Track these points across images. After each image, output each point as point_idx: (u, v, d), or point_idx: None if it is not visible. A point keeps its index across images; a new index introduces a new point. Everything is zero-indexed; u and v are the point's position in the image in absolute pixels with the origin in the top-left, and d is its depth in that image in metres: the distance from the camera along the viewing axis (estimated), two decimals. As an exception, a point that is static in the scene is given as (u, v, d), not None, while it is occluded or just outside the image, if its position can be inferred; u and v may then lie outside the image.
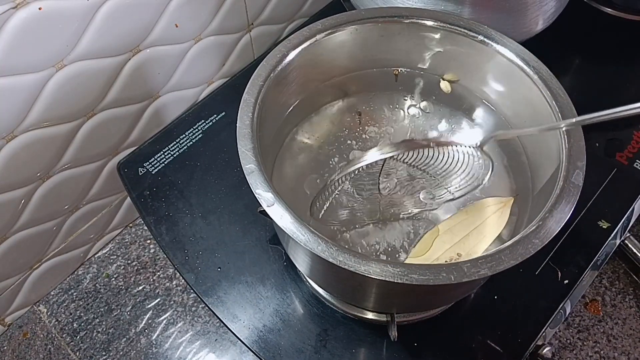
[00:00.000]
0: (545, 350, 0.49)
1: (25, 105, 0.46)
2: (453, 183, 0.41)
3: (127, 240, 0.67)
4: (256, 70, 0.40)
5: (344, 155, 0.46)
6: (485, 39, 0.42)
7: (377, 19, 0.44)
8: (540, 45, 0.45)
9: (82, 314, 0.62)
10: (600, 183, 0.53)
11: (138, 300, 0.63)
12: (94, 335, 0.61)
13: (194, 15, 0.55)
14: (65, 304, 0.63)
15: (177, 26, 0.54)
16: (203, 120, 0.59)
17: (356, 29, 0.44)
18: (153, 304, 0.62)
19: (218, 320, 0.48)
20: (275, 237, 0.51)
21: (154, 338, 0.61)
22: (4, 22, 0.40)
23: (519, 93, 0.42)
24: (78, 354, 0.60)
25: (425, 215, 0.43)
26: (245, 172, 0.34)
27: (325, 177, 0.45)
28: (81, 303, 0.63)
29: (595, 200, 0.52)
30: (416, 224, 0.43)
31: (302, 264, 0.41)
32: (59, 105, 0.48)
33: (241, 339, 0.46)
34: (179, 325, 0.61)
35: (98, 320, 0.61)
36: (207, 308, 0.49)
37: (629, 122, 0.59)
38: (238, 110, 0.37)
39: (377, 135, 0.47)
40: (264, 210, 0.33)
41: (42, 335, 0.61)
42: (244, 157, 0.35)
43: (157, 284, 0.64)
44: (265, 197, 0.33)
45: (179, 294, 0.63)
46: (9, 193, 0.50)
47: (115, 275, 0.64)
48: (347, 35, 0.44)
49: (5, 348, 0.60)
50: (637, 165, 0.55)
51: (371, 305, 0.43)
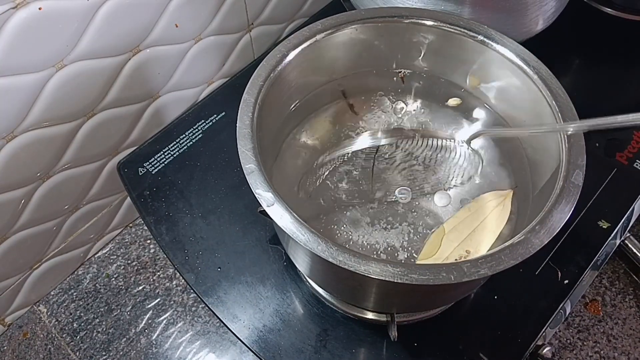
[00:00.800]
0: (545, 350, 0.49)
1: (25, 105, 0.46)
2: (444, 173, 0.43)
3: (127, 240, 0.67)
4: (256, 70, 0.40)
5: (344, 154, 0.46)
6: (485, 39, 0.42)
7: (377, 19, 0.44)
8: (540, 45, 0.45)
9: (82, 314, 0.62)
10: (600, 183, 0.53)
11: (138, 300, 0.63)
12: (94, 335, 0.61)
13: (194, 15, 0.55)
14: (65, 304, 0.63)
15: (177, 26, 0.54)
16: (203, 120, 0.59)
17: (356, 29, 0.44)
18: (153, 304, 0.62)
19: (218, 320, 0.48)
20: (275, 237, 0.51)
21: (154, 338, 0.61)
22: (4, 22, 0.40)
23: (519, 93, 0.42)
24: (78, 354, 0.60)
25: (419, 204, 0.44)
26: (245, 172, 0.34)
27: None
28: (81, 303, 0.63)
29: (595, 200, 0.52)
30: (416, 221, 0.43)
31: (302, 264, 0.41)
32: (59, 105, 0.48)
33: (241, 339, 0.46)
34: (179, 325, 0.61)
35: (98, 320, 0.61)
36: (207, 308, 0.49)
37: (629, 122, 0.59)
38: (238, 110, 0.37)
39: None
40: (264, 210, 0.33)
41: (42, 335, 0.61)
42: (244, 157, 0.35)
43: (157, 284, 0.64)
44: (265, 197, 0.33)
45: (179, 294, 0.63)
46: (9, 193, 0.50)
47: (115, 275, 0.64)
48: (347, 35, 0.44)
49: (5, 348, 0.60)
50: (637, 165, 0.55)
51: (371, 305, 0.43)
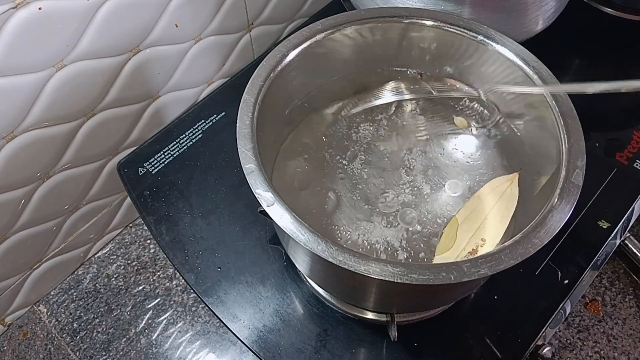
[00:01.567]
0: (545, 350, 0.49)
1: (25, 105, 0.46)
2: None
3: (127, 240, 0.67)
4: (256, 70, 0.40)
5: (344, 155, 0.46)
6: (485, 39, 0.42)
7: (377, 19, 0.44)
8: (540, 45, 0.45)
9: (82, 314, 0.62)
10: (600, 183, 0.53)
11: (138, 300, 0.63)
12: (94, 335, 0.61)
13: (194, 15, 0.55)
14: (65, 304, 0.63)
15: (177, 26, 0.54)
16: (203, 120, 0.59)
17: (356, 29, 0.44)
18: (153, 304, 0.62)
19: (218, 320, 0.48)
20: (275, 237, 0.51)
21: (154, 338, 0.61)
22: (4, 22, 0.40)
23: (519, 93, 0.42)
24: (78, 354, 0.60)
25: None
26: (245, 172, 0.34)
27: (323, 181, 0.45)
28: (81, 303, 0.63)
29: (595, 200, 0.52)
30: (416, 223, 0.43)
31: (302, 264, 0.41)
32: (59, 105, 0.48)
33: (241, 339, 0.46)
34: (179, 325, 0.61)
35: (98, 320, 0.61)
36: (207, 308, 0.49)
37: (629, 122, 0.59)
38: (238, 110, 0.37)
39: (375, 135, 0.47)
40: (264, 210, 0.33)
41: (42, 335, 0.61)
42: (244, 157, 0.35)
43: (157, 284, 0.64)
44: (265, 197, 0.33)
45: (179, 294, 0.63)
46: (9, 193, 0.50)
47: (115, 275, 0.64)
48: (347, 35, 0.44)
49: (5, 348, 0.60)
50: (637, 165, 0.55)
51: (371, 305, 0.43)
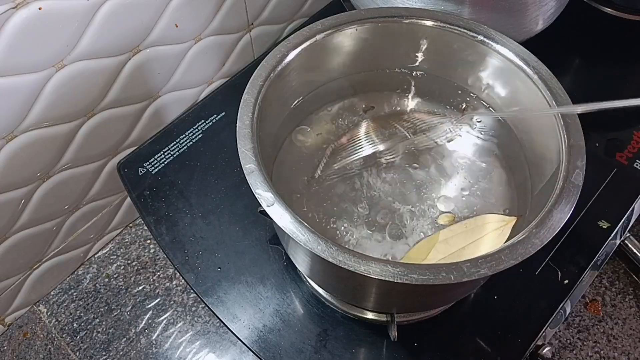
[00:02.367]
0: (545, 350, 0.49)
1: (25, 105, 0.46)
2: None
3: (127, 240, 0.67)
4: (256, 70, 0.40)
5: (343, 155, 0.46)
6: (485, 39, 0.42)
7: (377, 19, 0.44)
8: (540, 45, 0.45)
9: (82, 314, 0.62)
10: (600, 183, 0.53)
11: (138, 300, 0.63)
12: (94, 335, 0.61)
13: (194, 15, 0.55)
14: (65, 304, 0.63)
15: (177, 26, 0.54)
16: (203, 120, 0.58)
17: (356, 29, 0.44)
18: (153, 304, 0.62)
19: (218, 320, 0.48)
20: (275, 237, 0.51)
21: (154, 338, 0.61)
22: (4, 22, 0.40)
23: (519, 93, 0.42)
24: (78, 354, 0.60)
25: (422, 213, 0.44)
26: (245, 172, 0.34)
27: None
28: (81, 303, 0.63)
29: (595, 200, 0.52)
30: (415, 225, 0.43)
31: (302, 264, 0.41)
32: (59, 105, 0.48)
33: (241, 339, 0.46)
34: (179, 325, 0.61)
35: (98, 320, 0.61)
36: (207, 308, 0.49)
37: (629, 122, 0.59)
38: (238, 110, 0.37)
39: (374, 135, 0.47)
40: (264, 210, 0.33)
41: (42, 335, 0.61)
42: (244, 157, 0.35)
43: (157, 284, 0.64)
44: (265, 197, 0.33)
45: (179, 294, 0.63)
46: (9, 193, 0.50)
47: (115, 275, 0.64)
48: (347, 35, 0.44)
49: (5, 348, 0.60)
50: (637, 165, 0.55)
51: (371, 305, 0.43)
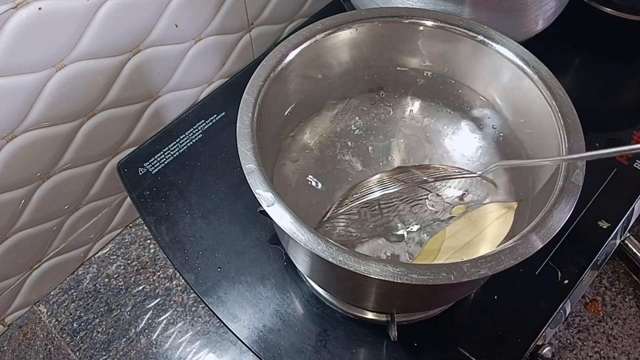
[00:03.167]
0: (545, 350, 0.49)
1: (25, 105, 0.46)
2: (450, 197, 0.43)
3: (127, 240, 0.67)
4: (256, 70, 0.40)
5: (343, 155, 0.46)
6: (485, 39, 0.42)
7: (377, 19, 0.44)
8: (540, 45, 0.45)
9: (82, 314, 0.62)
10: (600, 183, 0.53)
11: (138, 300, 0.63)
12: (94, 335, 0.61)
13: (194, 15, 0.55)
14: (65, 304, 0.63)
15: (177, 26, 0.54)
16: (203, 120, 0.58)
17: (356, 29, 0.44)
18: (153, 304, 0.62)
19: (218, 320, 0.48)
20: (275, 237, 0.51)
21: (154, 338, 0.61)
22: (4, 22, 0.40)
23: (519, 93, 0.42)
24: (78, 354, 0.60)
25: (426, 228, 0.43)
26: (245, 172, 0.34)
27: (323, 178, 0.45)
28: (81, 303, 0.63)
29: (595, 200, 0.52)
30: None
31: (302, 264, 0.41)
32: (59, 105, 0.48)
33: (241, 339, 0.46)
34: (179, 325, 0.61)
35: (98, 320, 0.61)
36: (207, 308, 0.49)
37: (629, 122, 0.59)
38: (238, 110, 0.37)
39: (374, 136, 0.47)
40: (264, 210, 0.33)
41: (42, 335, 0.61)
42: (244, 157, 0.35)
43: (157, 284, 0.64)
44: (265, 197, 0.33)
45: (179, 294, 0.63)
46: (9, 193, 0.50)
47: (115, 275, 0.64)
48: (347, 35, 0.44)
49: (5, 348, 0.60)
50: (637, 165, 0.55)
51: (371, 305, 0.43)
